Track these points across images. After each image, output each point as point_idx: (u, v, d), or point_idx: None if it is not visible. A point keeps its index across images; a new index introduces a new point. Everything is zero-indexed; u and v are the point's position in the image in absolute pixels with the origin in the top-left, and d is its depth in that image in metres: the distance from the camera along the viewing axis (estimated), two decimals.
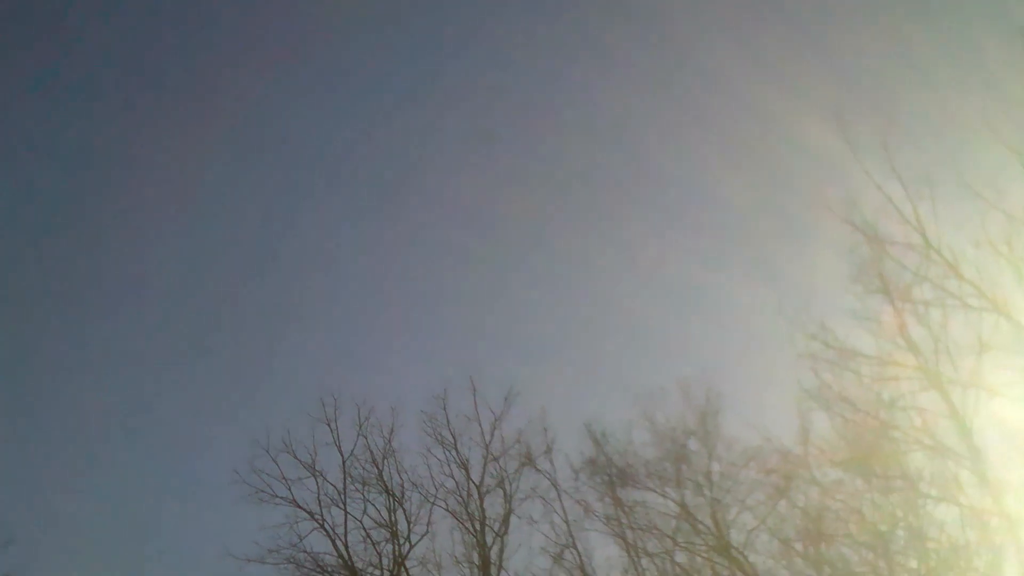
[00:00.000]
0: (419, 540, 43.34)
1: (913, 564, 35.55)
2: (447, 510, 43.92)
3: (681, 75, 61.66)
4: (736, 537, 40.49)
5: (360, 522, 43.49)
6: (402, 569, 42.66)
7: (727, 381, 42.53)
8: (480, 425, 44.45)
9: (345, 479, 43.96)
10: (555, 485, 44.00)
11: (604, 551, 43.41)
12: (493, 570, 42.42)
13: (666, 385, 43.07)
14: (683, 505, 41.59)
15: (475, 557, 43.30)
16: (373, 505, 43.83)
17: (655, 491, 42.40)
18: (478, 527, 43.33)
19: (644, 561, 42.10)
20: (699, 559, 41.66)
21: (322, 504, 43.62)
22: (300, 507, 43.46)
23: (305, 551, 42.96)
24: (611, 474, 43.29)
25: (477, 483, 43.87)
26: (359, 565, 42.80)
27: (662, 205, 66.99)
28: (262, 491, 43.24)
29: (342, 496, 43.69)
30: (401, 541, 43.15)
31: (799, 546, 39.62)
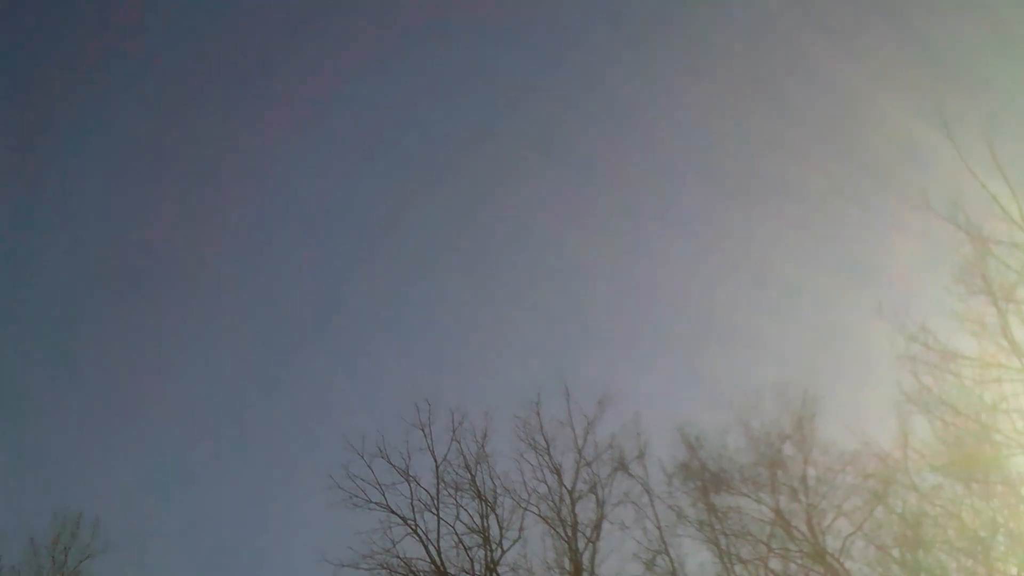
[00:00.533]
0: (511, 546, 43.58)
1: (1013, 571, 34.76)
2: (539, 515, 44.08)
3: (782, 72, 61.25)
4: (832, 543, 39.98)
5: (453, 527, 43.91)
6: (494, 575, 42.79)
7: (824, 384, 42.05)
8: (573, 430, 44.59)
9: (438, 484, 44.38)
10: (647, 490, 43.96)
11: (697, 557, 43.10)
12: (585, 575, 42.37)
13: (761, 389, 42.87)
14: (778, 511, 41.18)
15: (567, 563, 43.31)
16: (466, 510, 44.19)
17: (749, 496, 42.10)
18: (570, 532, 43.33)
19: (738, 567, 41.82)
20: (793, 566, 41.23)
21: (415, 509, 44.14)
22: (394, 512, 44.01)
23: (398, 556, 43.47)
24: (704, 479, 43.04)
25: (569, 488, 43.92)
26: (452, 571, 43.13)
27: (760, 205, 66.44)
28: (356, 496, 43.91)
29: (435, 501, 44.09)
30: (493, 547, 43.35)
31: (896, 552, 39.01)
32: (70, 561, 51.16)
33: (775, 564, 41.32)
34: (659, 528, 43.24)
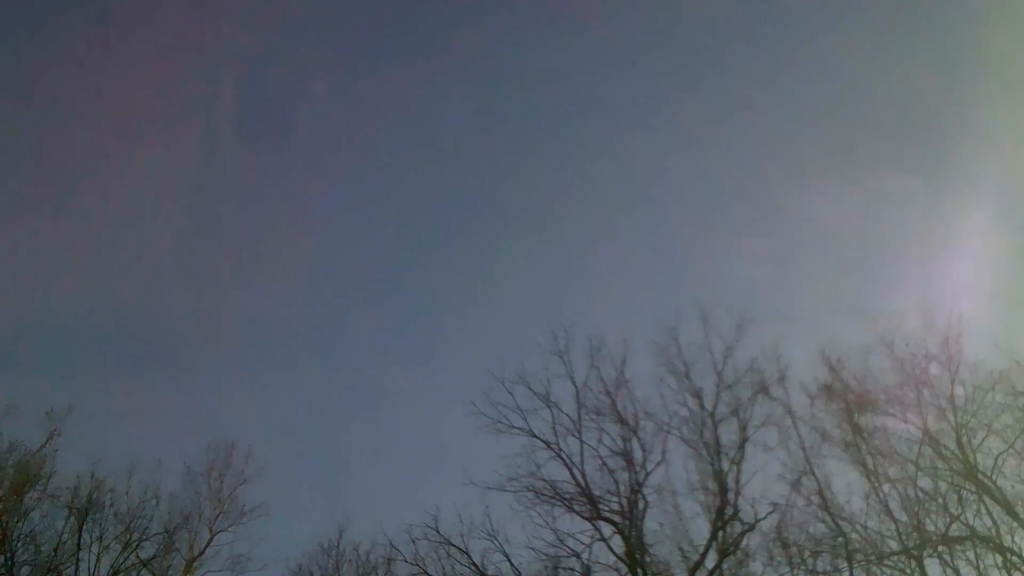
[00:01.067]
0: (654, 468, 42.99)
1: None
2: (681, 438, 43.55)
3: None
4: (983, 462, 39.86)
5: (596, 451, 43.33)
6: (639, 496, 42.55)
7: (970, 302, 41.92)
8: (712, 354, 43.88)
9: (579, 409, 43.67)
10: (790, 412, 43.49)
11: (843, 477, 43.08)
12: (730, 496, 42.19)
13: (905, 308, 42.64)
14: (926, 430, 41.05)
15: (711, 484, 43.06)
16: (608, 434, 43.49)
17: (895, 416, 41.88)
18: (713, 454, 42.92)
19: (886, 487, 41.70)
20: (943, 485, 41.15)
21: (557, 434, 43.41)
22: (536, 437, 43.35)
23: (543, 479, 43.06)
24: (848, 400, 42.76)
25: (710, 411, 43.38)
26: (597, 492, 42.71)
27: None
28: (499, 422, 43.34)
29: (577, 426, 43.44)
30: (637, 469, 42.88)
31: None
32: (225, 487, 51.02)
33: (924, 483, 41.21)
34: (803, 449, 42.92)
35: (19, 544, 41.82)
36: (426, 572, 45.59)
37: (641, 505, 42.43)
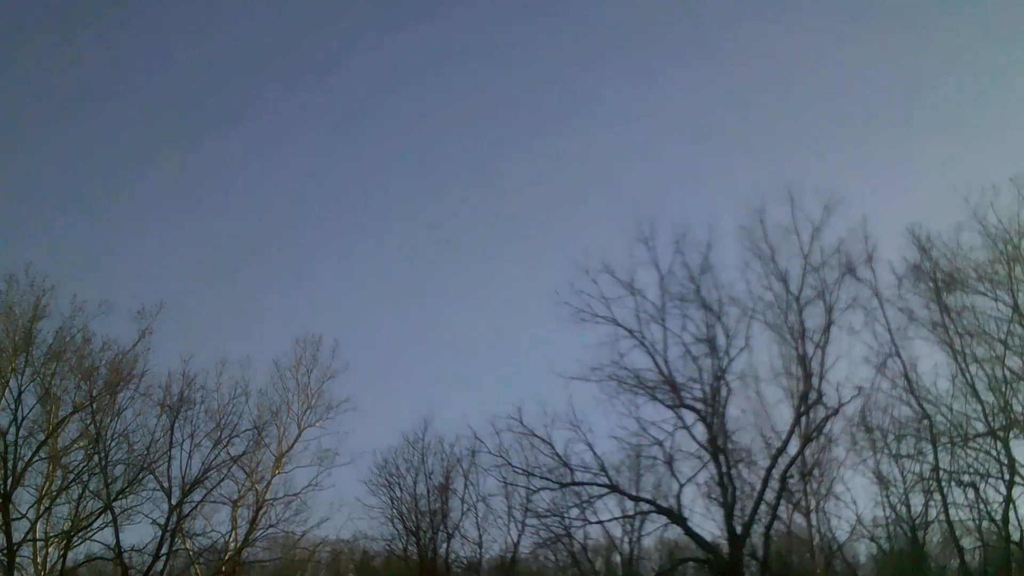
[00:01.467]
0: (738, 354, 42.25)
1: None
2: (766, 323, 42.72)
3: None
4: None
5: (679, 337, 42.69)
6: (722, 383, 42.16)
7: None
8: (798, 236, 42.34)
9: (663, 296, 42.68)
10: (877, 294, 42.66)
11: (930, 359, 42.57)
12: (814, 381, 41.78)
13: (997, 183, 41.44)
14: (1016, 307, 40.17)
15: (795, 368, 42.62)
16: (692, 320, 42.56)
17: (985, 295, 40.99)
18: (798, 339, 42.26)
19: (973, 367, 41.04)
20: None
21: (641, 321, 42.52)
22: (620, 325, 42.55)
23: (626, 368, 42.70)
24: (937, 279, 41.89)
25: (796, 295, 42.29)
26: (679, 380, 42.32)
27: None
28: (583, 311, 42.76)
29: (661, 313, 42.56)
30: (720, 355, 42.27)
31: None
32: (312, 382, 51.76)
33: (1013, 363, 40.48)
34: (889, 331, 42.37)
35: (112, 442, 42.69)
36: (510, 463, 46.27)
37: (724, 392, 42.09)
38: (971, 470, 41.25)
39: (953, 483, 41.24)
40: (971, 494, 41.17)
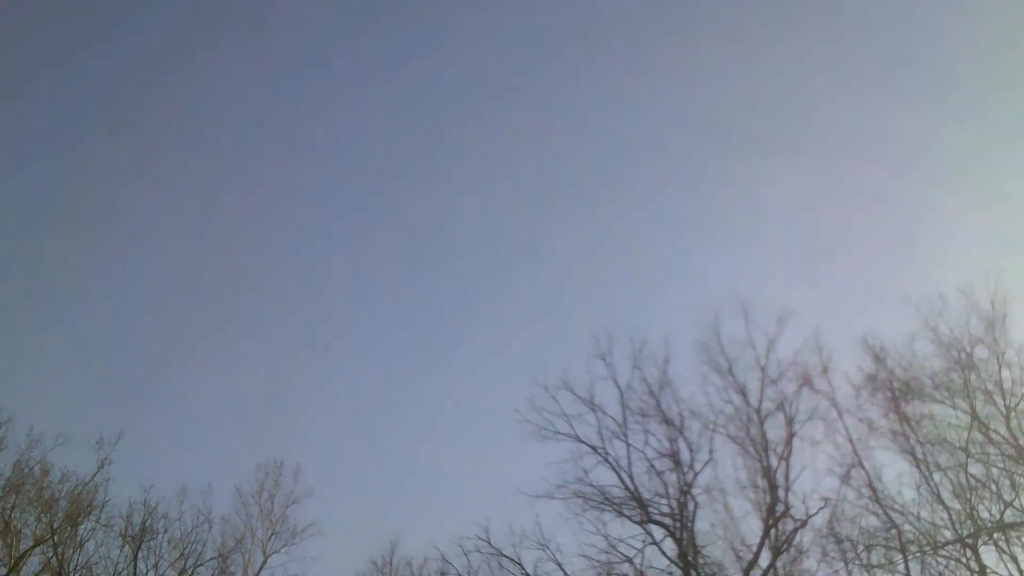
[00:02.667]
0: (703, 468, 42.64)
1: None
2: (728, 436, 43.12)
3: None
4: None
5: (643, 453, 43.05)
6: (689, 497, 42.37)
7: (1015, 284, 41.42)
8: (754, 349, 43.33)
9: (624, 412, 43.40)
10: (835, 405, 43.02)
11: (893, 468, 42.57)
12: (780, 493, 41.87)
13: (946, 292, 42.17)
14: (974, 415, 40.60)
15: (760, 481, 42.76)
16: (654, 435, 43.20)
17: (943, 403, 41.49)
18: (761, 451, 42.58)
19: (937, 476, 41.18)
20: (995, 470, 40.68)
21: (604, 438, 43.17)
22: (583, 442, 43.12)
23: (591, 484, 42.86)
24: (894, 389, 42.35)
25: (756, 407, 42.96)
26: (646, 495, 42.49)
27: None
28: (544, 428, 43.30)
29: (623, 429, 43.20)
30: (685, 469, 42.61)
31: None
32: (276, 508, 51.28)
33: (975, 469, 40.70)
34: (851, 441, 42.45)
35: (76, 575, 41.97)
36: None
37: (691, 506, 42.30)
38: None
39: None
40: None
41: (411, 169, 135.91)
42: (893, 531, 41.53)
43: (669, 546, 41.84)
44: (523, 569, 43.35)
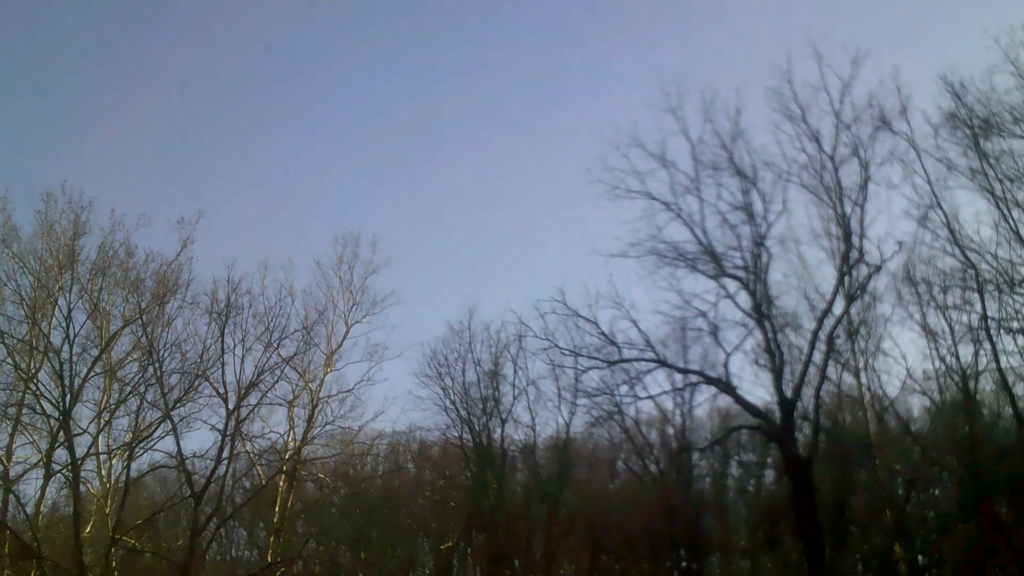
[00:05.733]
0: (776, 218, 42.20)
1: None
2: (801, 185, 42.39)
3: None
4: None
5: (716, 207, 42.51)
6: (762, 249, 42.06)
7: None
8: (828, 93, 41.69)
9: (696, 166, 42.51)
10: (913, 146, 41.72)
11: (971, 207, 41.81)
12: (855, 239, 41.45)
13: None
14: None
15: (834, 228, 42.36)
16: (727, 188, 42.46)
17: (1023, 137, 40.38)
18: (835, 198, 41.89)
19: (1016, 212, 40.26)
20: None
21: (676, 193, 42.54)
22: (655, 198, 42.53)
23: (665, 241, 42.70)
24: (973, 125, 40.90)
25: (830, 154, 41.89)
26: (719, 249, 42.26)
27: None
28: (616, 187, 42.62)
29: (695, 183, 42.42)
30: (758, 221, 42.14)
31: None
32: (356, 279, 52.29)
33: None
34: (929, 182, 41.49)
35: (166, 352, 43.12)
36: (557, 345, 46.51)
37: (765, 258, 42.14)
38: (1020, 316, 40.82)
39: (1002, 331, 40.82)
40: (1021, 341, 40.85)
41: None
42: (970, 271, 41.27)
43: (743, 299, 42.12)
44: (599, 328, 43.98)
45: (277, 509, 49.63)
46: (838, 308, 41.74)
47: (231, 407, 43.63)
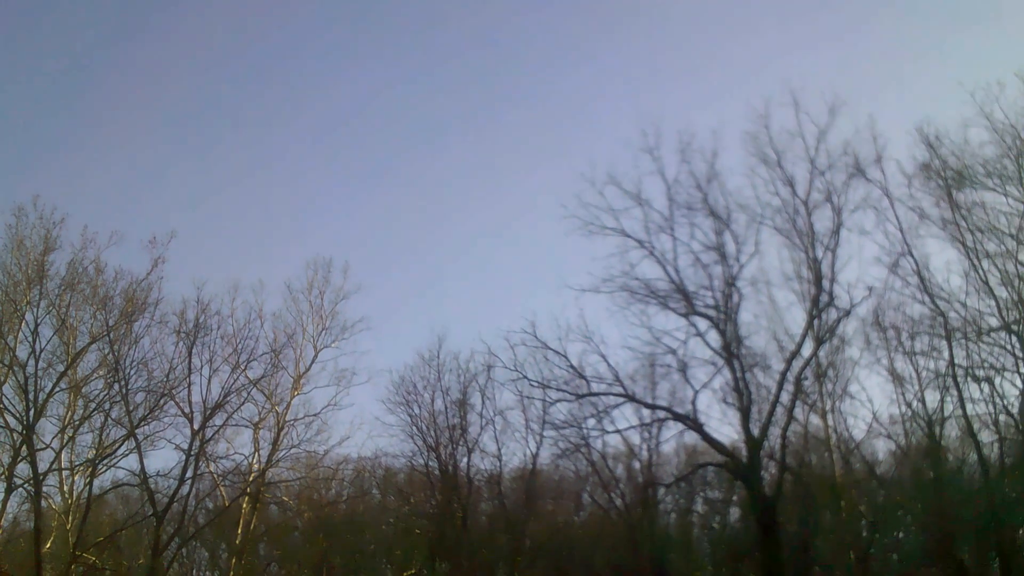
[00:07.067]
0: (748, 260, 42.36)
1: None
2: (775, 228, 42.65)
3: None
4: None
5: (689, 246, 42.69)
6: (733, 289, 42.24)
7: None
8: (804, 140, 42.12)
9: (671, 205, 42.66)
10: (887, 194, 42.29)
11: (941, 256, 42.32)
12: (825, 283, 41.72)
13: (1002, 78, 40.83)
14: None
15: (805, 272, 42.57)
16: (700, 229, 42.66)
17: (995, 190, 40.56)
18: (807, 242, 42.24)
19: (985, 263, 40.70)
20: None
21: (650, 231, 42.65)
22: (628, 236, 42.64)
23: (637, 278, 42.74)
24: (946, 177, 41.47)
25: (803, 199, 42.27)
26: (691, 288, 42.39)
27: None
28: (591, 223, 42.68)
29: (669, 222, 42.56)
30: (730, 262, 42.36)
31: None
32: (326, 304, 52.14)
33: None
34: (901, 230, 42.01)
35: (132, 370, 42.95)
36: (525, 377, 46.61)
37: (736, 298, 42.34)
38: (986, 365, 41.20)
39: (969, 378, 41.19)
40: (987, 388, 41.22)
41: None
42: (939, 319, 41.68)
43: (713, 337, 42.26)
44: (568, 361, 44.07)
45: (240, 531, 49.26)
46: (807, 350, 41.95)
47: (196, 427, 43.53)
